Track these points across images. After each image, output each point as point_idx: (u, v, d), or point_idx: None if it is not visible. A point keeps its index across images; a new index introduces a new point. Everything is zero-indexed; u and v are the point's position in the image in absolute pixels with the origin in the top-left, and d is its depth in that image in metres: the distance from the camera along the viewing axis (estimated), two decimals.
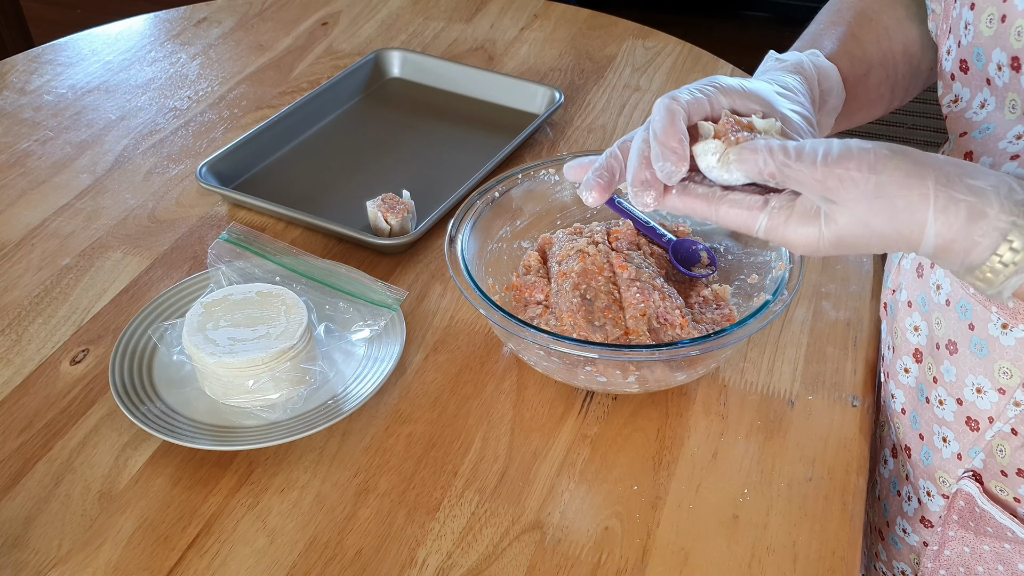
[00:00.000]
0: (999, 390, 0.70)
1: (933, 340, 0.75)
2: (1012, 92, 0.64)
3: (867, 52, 0.75)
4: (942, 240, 0.53)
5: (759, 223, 0.57)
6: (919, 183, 0.53)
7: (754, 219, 0.57)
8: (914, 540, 0.85)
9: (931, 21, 0.75)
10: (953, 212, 0.52)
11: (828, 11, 0.80)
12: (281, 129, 1.14)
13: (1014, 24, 0.61)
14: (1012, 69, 0.63)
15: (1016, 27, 0.61)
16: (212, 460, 0.78)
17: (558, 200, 0.93)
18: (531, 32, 1.41)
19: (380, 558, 0.71)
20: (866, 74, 0.74)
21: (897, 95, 0.79)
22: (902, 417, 0.82)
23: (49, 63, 1.32)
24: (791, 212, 0.56)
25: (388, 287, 0.90)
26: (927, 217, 0.53)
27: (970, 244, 0.53)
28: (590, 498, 0.76)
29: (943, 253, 0.54)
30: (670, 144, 0.58)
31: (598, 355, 0.74)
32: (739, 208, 0.58)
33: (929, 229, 0.53)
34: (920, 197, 0.53)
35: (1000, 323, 0.68)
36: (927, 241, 0.53)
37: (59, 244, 1.00)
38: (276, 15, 1.44)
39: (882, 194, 0.53)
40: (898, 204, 0.53)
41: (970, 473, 0.75)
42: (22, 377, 0.85)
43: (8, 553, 0.71)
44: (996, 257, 0.52)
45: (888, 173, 0.53)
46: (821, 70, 0.70)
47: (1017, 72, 0.62)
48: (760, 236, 0.58)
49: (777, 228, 0.57)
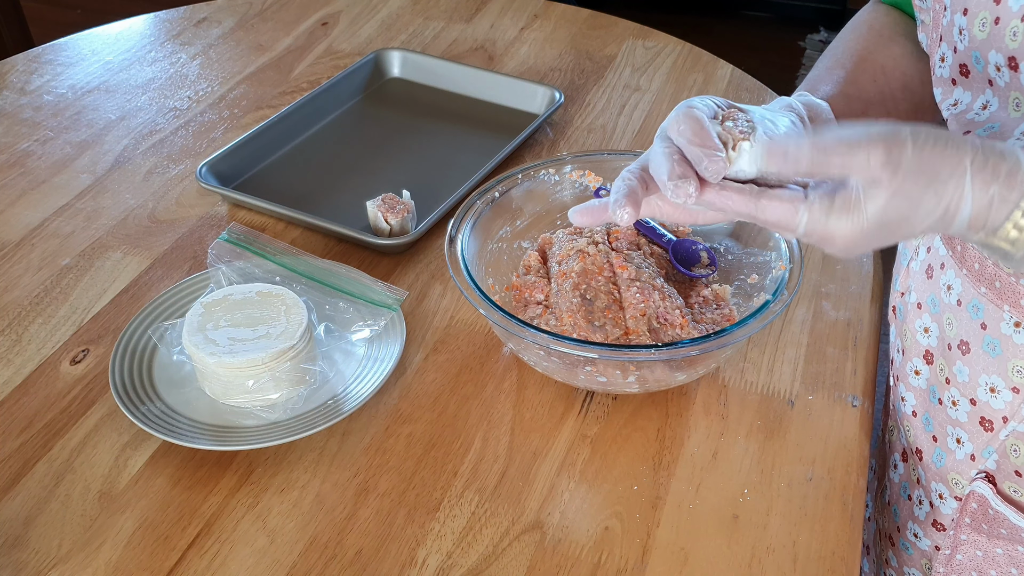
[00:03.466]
0: (1013, 389, 0.70)
1: (944, 341, 0.75)
2: (1015, 91, 0.64)
3: (864, 91, 0.76)
4: (979, 205, 0.53)
5: (800, 218, 0.57)
6: (956, 151, 0.53)
7: (795, 212, 0.57)
8: (926, 545, 0.85)
9: (921, 32, 0.76)
10: (991, 173, 0.53)
11: (826, 57, 0.81)
12: (281, 129, 1.14)
13: (1008, 25, 0.62)
14: (1011, 69, 0.63)
15: (1011, 28, 0.62)
16: (212, 460, 0.78)
17: (558, 200, 0.93)
18: (531, 32, 1.41)
19: (380, 558, 0.71)
20: (863, 112, 0.74)
21: None
22: (913, 420, 0.82)
23: (49, 63, 1.32)
24: (831, 204, 0.56)
25: (388, 287, 0.90)
26: (966, 181, 0.53)
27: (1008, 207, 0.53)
28: (590, 498, 0.76)
29: (977, 221, 0.54)
30: (708, 143, 0.58)
31: (598, 355, 0.74)
32: (780, 201, 0.58)
33: (967, 194, 0.53)
34: (958, 162, 0.53)
35: (1013, 322, 0.68)
36: (964, 207, 0.54)
37: (59, 244, 1.00)
38: (276, 15, 1.44)
39: (922, 163, 0.53)
40: (940, 169, 0.53)
41: (983, 474, 0.75)
42: (22, 377, 0.85)
43: (8, 553, 0.71)
44: (1019, 211, 0.53)
45: (929, 145, 0.53)
46: (810, 107, 0.70)
47: (1016, 71, 0.63)
48: (800, 233, 0.57)
49: (819, 221, 0.56)
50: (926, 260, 0.78)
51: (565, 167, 0.92)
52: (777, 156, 0.56)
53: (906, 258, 0.84)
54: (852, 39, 0.80)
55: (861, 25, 0.82)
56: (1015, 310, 0.67)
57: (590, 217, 0.66)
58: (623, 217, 0.61)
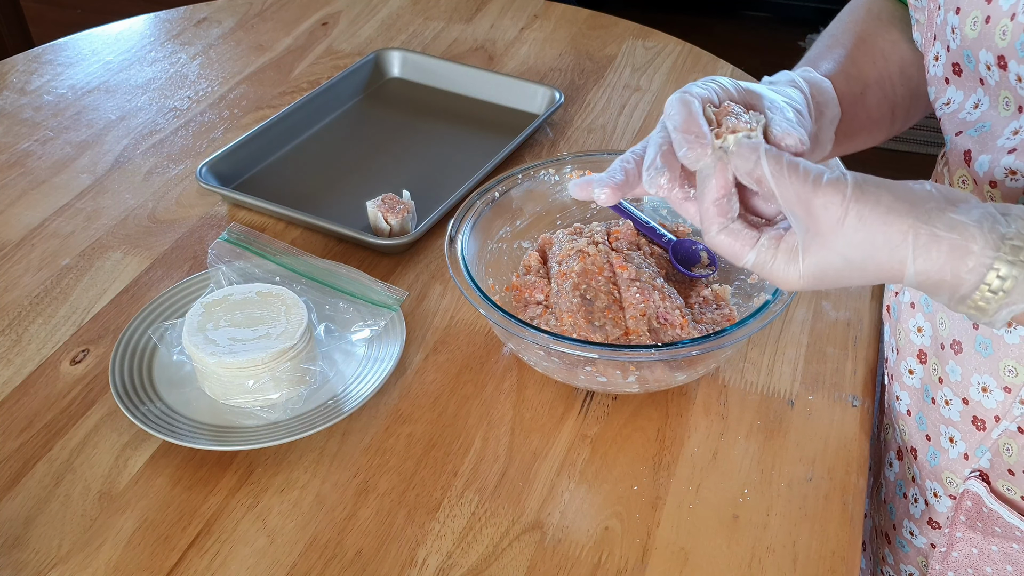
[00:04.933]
0: (1005, 388, 0.70)
1: (937, 340, 0.76)
2: (1004, 90, 0.64)
3: (863, 72, 0.76)
4: (924, 277, 0.53)
5: (747, 257, 0.59)
6: (898, 219, 0.52)
7: (744, 252, 0.59)
8: (921, 542, 0.85)
9: (915, 31, 0.76)
10: (935, 249, 0.52)
11: (826, 37, 0.81)
12: (281, 129, 1.14)
13: (998, 24, 0.62)
14: (1000, 68, 0.64)
15: (1000, 27, 0.62)
16: (212, 460, 0.78)
17: (558, 200, 0.93)
18: (531, 32, 1.41)
19: (380, 558, 0.71)
20: (863, 92, 0.75)
21: (899, 116, 0.79)
22: (908, 419, 0.83)
23: (49, 63, 1.32)
24: (777, 249, 0.57)
25: (388, 287, 0.90)
26: (907, 254, 0.53)
27: (957, 280, 0.52)
28: (590, 498, 0.76)
29: (929, 287, 0.54)
30: (692, 130, 0.59)
31: (598, 355, 0.74)
32: (732, 238, 0.59)
33: (910, 267, 0.53)
34: (900, 234, 0.52)
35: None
36: (908, 277, 0.53)
37: (59, 244, 1.00)
38: (276, 15, 1.45)
39: (862, 228, 0.53)
40: (878, 240, 0.53)
41: (977, 473, 0.75)
42: (22, 377, 0.85)
43: (8, 553, 0.71)
44: (985, 286, 0.52)
45: (869, 207, 0.53)
46: (813, 83, 0.70)
47: (1004, 70, 0.63)
48: (748, 267, 0.59)
49: (765, 264, 0.58)
50: None
51: (565, 167, 0.92)
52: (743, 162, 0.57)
53: None
54: (851, 21, 0.80)
55: (859, 9, 0.82)
56: None
57: (584, 192, 0.66)
58: (600, 196, 0.63)
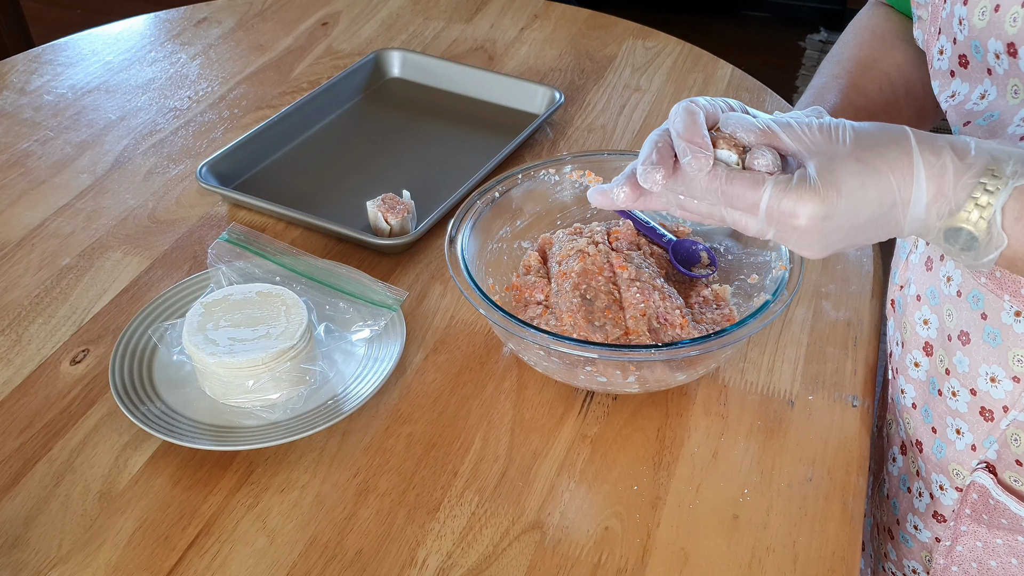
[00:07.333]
0: (1014, 378, 0.70)
1: (944, 332, 0.76)
2: (1013, 78, 0.65)
3: (870, 101, 0.77)
4: (929, 166, 0.56)
5: (762, 194, 0.58)
6: (901, 134, 0.57)
7: (757, 189, 0.58)
8: (926, 536, 0.85)
9: (917, 28, 0.76)
10: (937, 152, 0.56)
11: (830, 62, 0.82)
12: (281, 129, 1.14)
13: (1009, 12, 0.63)
14: (1009, 55, 0.64)
15: (1011, 14, 0.62)
16: (212, 460, 0.78)
17: (558, 200, 0.93)
18: (531, 32, 1.41)
19: (380, 558, 0.71)
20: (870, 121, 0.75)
21: None
22: (913, 412, 0.83)
23: (49, 63, 1.32)
24: (790, 182, 0.57)
25: (388, 287, 0.90)
26: (912, 147, 0.56)
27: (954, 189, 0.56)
28: (590, 498, 0.76)
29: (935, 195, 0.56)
30: (695, 140, 0.59)
31: (598, 355, 0.74)
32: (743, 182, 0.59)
33: (916, 157, 0.56)
34: (901, 133, 0.57)
35: (1013, 311, 0.68)
36: (918, 185, 0.56)
37: (59, 244, 1.00)
38: (276, 15, 1.44)
39: (867, 136, 0.57)
40: (883, 139, 0.56)
41: (984, 465, 0.75)
42: (22, 377, 0.85)
43: (8, 553, 0.71)
44: (972, 200, 0.55)
45: (868, 130, 0.57)
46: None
47: (1014, 57, 0.64)
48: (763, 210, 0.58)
49: (781, 199, 0.57)
50: (925, 252, 0.79)
51: (565, 167, 0.92)
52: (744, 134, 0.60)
53: (904, 251, 0.84)
54: (855, 44, 0.81)
55: (863, 30, 0.82)
56: (1015, 299, 0.68)
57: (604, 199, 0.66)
58: (619, 195, 0.64)
